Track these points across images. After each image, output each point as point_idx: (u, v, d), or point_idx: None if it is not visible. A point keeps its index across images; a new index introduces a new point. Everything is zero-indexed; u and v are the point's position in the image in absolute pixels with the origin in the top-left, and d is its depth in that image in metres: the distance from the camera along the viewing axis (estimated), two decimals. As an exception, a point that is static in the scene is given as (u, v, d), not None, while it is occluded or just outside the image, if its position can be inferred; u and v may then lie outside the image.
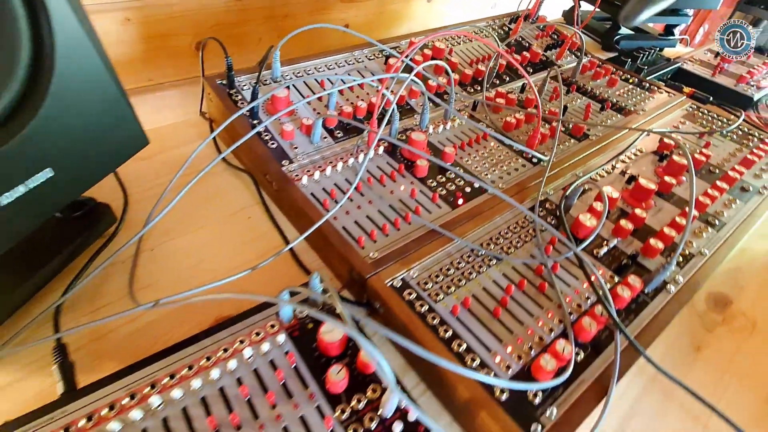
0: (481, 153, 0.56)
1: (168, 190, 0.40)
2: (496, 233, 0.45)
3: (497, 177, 0.53)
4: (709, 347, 0.45)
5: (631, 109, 0.70)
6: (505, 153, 0.57)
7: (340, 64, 0.65)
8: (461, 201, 0.48)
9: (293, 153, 0.50)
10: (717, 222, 0.52)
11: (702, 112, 0.74)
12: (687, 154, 0.45)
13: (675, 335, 0.45)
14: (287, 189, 0.46)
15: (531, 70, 0.78)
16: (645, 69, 0.91)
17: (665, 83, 0.82)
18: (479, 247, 0.43)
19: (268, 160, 0.48)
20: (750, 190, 0.58)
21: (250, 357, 0.33)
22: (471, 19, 0.87)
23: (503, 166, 0.55)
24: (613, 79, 0.76)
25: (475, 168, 0.54)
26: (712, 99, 0.79)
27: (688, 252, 0.47)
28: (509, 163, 0.55)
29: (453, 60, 0.71)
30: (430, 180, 0.50)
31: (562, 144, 0.60)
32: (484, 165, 0.54)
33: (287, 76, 0.60)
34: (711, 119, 0.73)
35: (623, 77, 0.79)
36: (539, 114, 0.56)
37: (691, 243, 0.48)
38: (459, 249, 0.43)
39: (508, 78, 0.73)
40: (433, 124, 0.59)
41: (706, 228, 0.50)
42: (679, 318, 0.42)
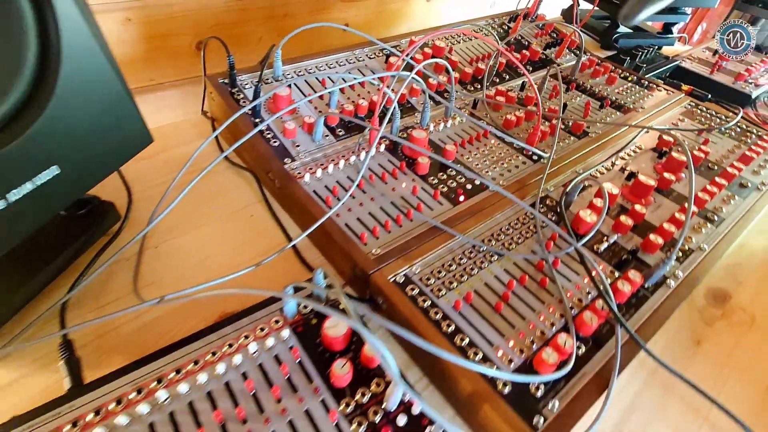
0: (482, 150, 0.56)
1: (171, 188, 0.40)
2: (497, 229, 0.46)
3: (498, 174, 0.53)
4: (709, 341, 0.45)
5: (630, 107, 0.71)
6: (506, 150, 0.57)
7: (340, 62, 0.65)
8: (462, 198, 0.48)
9: (295, 151, 0.50)
10: (716, 218, 0.52)
11: (700, 109, 0.75)
12: (686, 150, 0.46)
13: (675, 330, 0.45)
14: (290, 187, 0.46)
15: (530, 68, 0.78)
16: (644, 67, 0.92)
17: (664, 81, 0.82)
18: (480, 243, 0.43)
19: (270, 158, 0.49)
20: (748, 186, 0.58)
21: (255, 352, 0.33)
22: (470, 18, 0.87)
23: (504, 163, 0.55)
24: (612, 77, 0.77)
25: (476, 165, 0.54)
26: (710, 96, 0.79)
27: (687, 247, 0.47)
28: (510, 161, 0.55)
29: (453, 59, 0.72)
30: (431, 177, 0.50)
31: (562, 141, 0.61)
32: (484, 162, 0.55)
33: (288, 74, 0.60)
34: (709, 116, 0.73)
35: (622, 75, 0.80)
36: (539, 111, 0.56)
37: (691, 238, 0.49)
38: (461, 245, 0.43)
39: (507, 76, 0.73)
40: (434, 122, 0.59)
41: (705, 224, 0.51)
42: (679, 312, 0.42)
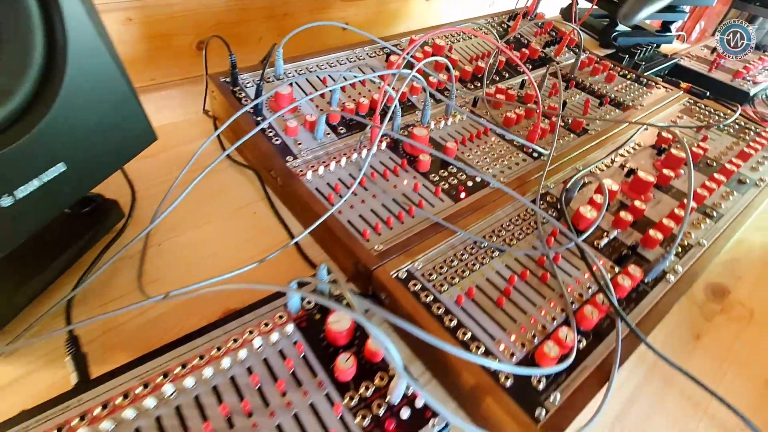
0: (482, 148, 0.57)
1: (174, 186, 0.41)
2: (498, 226, 0.46)
3: (498, 171, 0.54)
4: (708, 336, 0.46)
5: (630, 104, 0.71)
6: (506, 148, 0.58)
7: (341, 61, 0.65)
8: (463, 195, 0.49)
9: (297, 149, 0.51)
10: (715, 213, 0.52)
11: (699, 106, 0.75)
12: (685, 147, 0.46)
13: (674, 324, 0.45)
14: (292, 184, 0.47)
15: (530, 66, 0.79)
16: (642, 65, 0.92)
17: (662, 79, 0.83)
18: (482, 239, 0.44)
19: (272, 156, 0.49)
20: (747, 182, 0.59)
21: (259, 347, 0.33)
22: (469, 17, 0.88)
23: (504, 160, 0.55)
24: (611, 75, 0.77)
25: (477, 163, 0.54)
26: (708, 94, 0.80)
27: (686, 243, 0.48)
28: (510, 158, 0.56)
29: (453, 57, 0.72)
30: (432, 174, 0.51)
31: (561, 139, 0.61)
32: (485, 160, 0.55)
33: (290, 73, 0.60)
34: (708, 114, 0.73)
35: (621, 73, 0.80)
36: (539, 109, 0.57)
37: (690, 234, 0.49)
38: (462, 241, 0.43)
39: (507, 74, 0.74)
40: (435, 120, 0.59)
41: (704, 219, 0.51)
42: (679, 307, 0.43)
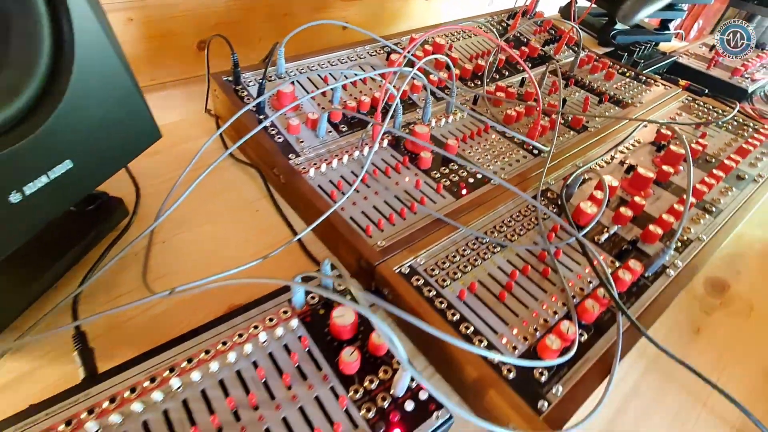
0: (483, 145, 0.57)
1: (178, 184, 0.41)
2: (499, 222, 0.46)
3: (499, 168, 0.54)
4: (708, 330, 0.46)
5: (629, 102, 0.72)
6: (506, 145, 0.58)
7: (342, 60, 0.66)
8: (465, 191, 0.49)
9: (299, 147, 0.51)
10: (714, 209, 0.53)
11: (698, 104, 0.76)
12: (685, 143, 0.47)
13: (674, 318, 0.46)
14: (295, 181, 0.47)
15: (530, 64, 0.79)
16: (641, 63, 0.92)
17: (661, 76, 0.83)
18: (483, 235, 0.44)
19: (275, 153, 0.50)
20: (745, 178, 0.59)
21: (264, 341, 0.34)
22: (469, 16, 0.88)
23: (504, 157, 0.56)
24: (611, 73, 0.77)
25: (477, 160, 0.55)
26: (707, 91, 0.80)
27: (686, 238, 0.48)
28: (510, 155, 0.56)
29: (453, 55, 0.72)
30: (433, 171, 0.51)
31: (561, 136, 0.61)
32: (486, 157, 0.55)
33: (291, 72, 0.61)
34: (707, 111, 0.74)
35: (620, 71, 0.81)
36: (539, 106, 0.57)
37: (689, 229, 0.49)
38: (464, 237, 0.44)
39: (507, 72, 0.74)
40: (435, 117, 0.60)
41: (703, 215, 0.52)
42: (679, 302, 0.43)
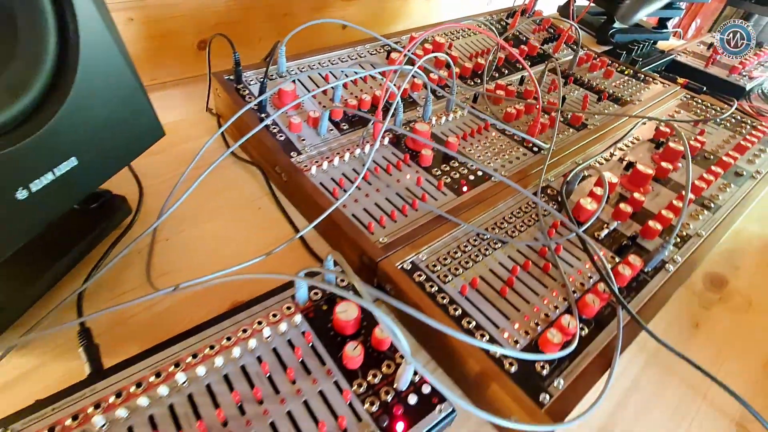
0: (483, 143, 0.58)
1: (180, 182, 0.41)
2: (500, 218, 0.47)
3: (499, 165, 0.54)
4: (707, 324, 0.46)
5: (628, 100, 0.72)
6: (507, 143, 0.58)
7: (343, 59, 0.66)
8: (465, 188, 0.49)
9: (301, 145, 0.51)
10: (712, 205, 0.53)
11: (696, 101, 0.76)
12: (684, 139, 0.47)
13: (674, 313, 0.46)
14: (297, 179, 0.47)
15: (529, 63, 0.79)
16: (640, 61, 0.93)
17: (660, 74, 0.83)
18: (484, 232, 0.44)
19: (277, 152, 0.50)
20: (744, 174, 0.59)
21: (268, 337, 0.34)
22: (468, 15, 0.89)
23: (505, 155, 0.56)
24: (609, 71, 0.78)
25: (478, 157, 0.55)
26: (705, 89, 0.81)
27: (685, 233, 0.49)
28: (510, 152, 0.57)
29: (453, 54, 0.73)
30: (434, 169, 0.52)
31: (561, 133, 0.62)
32: (486, 154, 0.56)
33: (292, 71, 0.61)
34: (705, 108, 0.74)
35: (619, 69, 0.81)
36: (539, 104, 0.58)
37: (688, 225, 0.50)
38: (465, 233, 0.44)
39: (506, 71, 0.75)
40: (436, 115, 0.60)
41: (702, 211, 0.52)
42: (678, 297, 0.43)
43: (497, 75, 0.73)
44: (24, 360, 0.35)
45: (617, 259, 0.44)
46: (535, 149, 0.58)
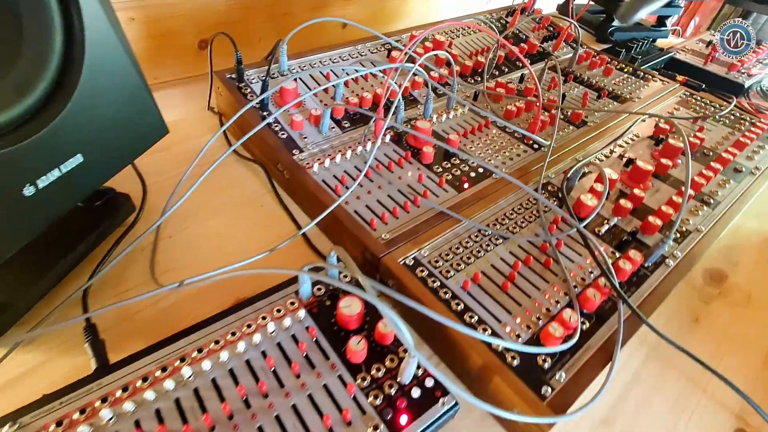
0: (484, 140, 0.58)
1: (183, 180, 0.42)
2: (501, 214, 0.47)
3: (500, 162, 0.55)
4: (707, 319, 0.47)
5: (627, 97, 0.72)
6: (507, 140, 0.59)
7: (344, 57, 0.66)
8: (467, 185, 0.50)
9: (303, 143, 0.52)
10: (712, 201, 0.54)
11: (695, 98, 0.76)
12: (683, 136, 0.47)
13: (674, 308, 0.47)
14: (299, 177, 0.48)
15: (529, 61, 0.80)
16: (639, 59, 0.93)
17: (659, 72, 0.84)
18: (486, 228, 0.45)
19: (279, 149, 0.50)
20: (743, 170, 0.60)
21: (273, 331, 0.34)
22: (467, 14, 0.89)
23: (505, 152, 0.57)
24: (609, 69, 0.78)
25: (479, 155, 0.55)
26: (704, 86, 0.81)
27: (685, 229, 0.49)
28: (511, 149, 0.57)
29: (453, 52, 0.73)
30: (435, 166, 0.52)
31: (561, 131, 0.62)
32: (487, 151, 0.56)
33: (293, 69, 0.61)
34: (704, 105, 0.75)
35: (618, 67, 0.81)
36: (539, 101, 0.58)
37: (688, 220, 0.50)
38: (467, 229, 0.45)
39: (506, 69, 0.75)
40: (436, 113, 0.61)
41: (701, 207, 0.52)
42: (678, 292, 0.44)
43: (497, 73, 0.74)
44: (30, 356, 0.35)
45: (618, 255, 0.45)
46: (536, 146, 0.58)
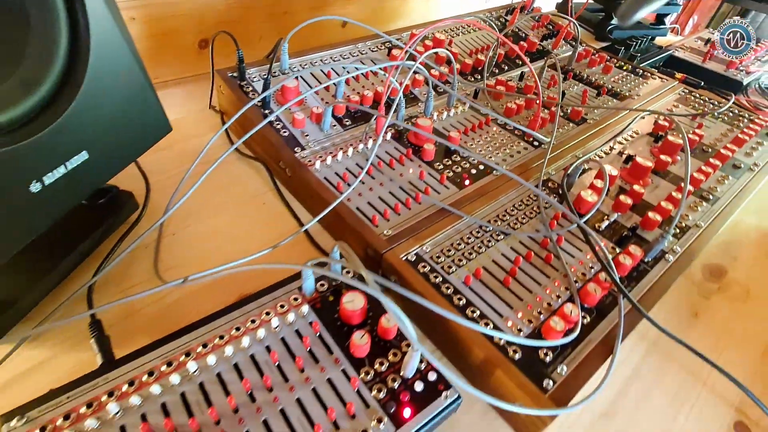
0: (484, 138, 0.58)
1: (186, 178, 0.42)
2: (502, 211, 0.47)
3: (501, 159, 0.55)
4: (706, 313, 0.47)
5: (626, 94, 0.73)
6: (507, 137, 0.59)
7: (344, 55, 0.67)
8: (468, 182, 0.50)
9: (305, 140, 0.52)
10: (711, 197, 0.54)
11: (694, 96, 0.77)
12: (683, 132, 0.48)
13: (674, 303, 0.47)
14: (301, 174, 0.48)
15: (528, 59, 0.80)
16: (638, 57, 0.94)
17: (658, 70, 0.84)
18: (487, 224, 0.45)
19: (281, 147, 0.50)
20: (741, 167, 0.60)
21: (277, 327, 0.35)
22: (467, 12, 0.89)
23: (506, 149, 0.57)
24: (608, 67, 0.79)
25: (479, 152, 0.56)
26: (703, 84, 0.82)
27: (684, 224, 0.49)
28: (511, 147, 0.57)
29: (453, 50, 0.73)
30: (437, 163, 0.52)
31: (561, 128, 0.62)
32: (487, 149, 0.56)
33: (294, 67, 0.61)
34: (703, 102, 0.75)
35: (617, 64, 0.82)
36: (539, 99, 0.58)
37: (687, 216, 0.51)
38: (468, 225, 0.45)
39: (506, 67, 0.75)
40: (437, 111, 0.61)
41: (700, 202, 0.53)
42: (678, 287, 0.44)
43: (497, 71, 0.74)
44: (36, 352, 0.35)
45: (618, 250, 0.45)
46: (536, 143, 0.58)
